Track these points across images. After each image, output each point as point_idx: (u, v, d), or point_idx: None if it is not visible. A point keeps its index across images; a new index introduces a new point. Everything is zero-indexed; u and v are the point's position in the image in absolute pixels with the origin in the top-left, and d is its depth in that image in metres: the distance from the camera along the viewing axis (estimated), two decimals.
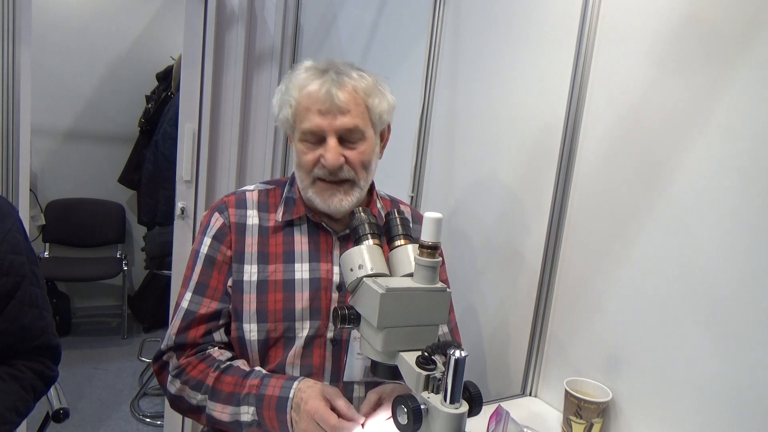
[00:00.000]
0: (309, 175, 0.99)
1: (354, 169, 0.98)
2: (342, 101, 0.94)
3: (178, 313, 1.00)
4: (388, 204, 1.18)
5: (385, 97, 1.01)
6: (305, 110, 0.96)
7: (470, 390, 0.73)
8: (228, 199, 1.06)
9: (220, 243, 1.02)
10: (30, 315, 0.95)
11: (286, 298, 0.99)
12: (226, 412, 0.92)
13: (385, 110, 1.01)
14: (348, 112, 0.95)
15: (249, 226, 1.03)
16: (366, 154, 0.98)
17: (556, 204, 1.27)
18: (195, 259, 1.03)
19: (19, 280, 0.91)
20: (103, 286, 3.74)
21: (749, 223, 0.93)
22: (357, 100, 0.96)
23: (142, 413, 2.70)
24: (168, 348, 0.99)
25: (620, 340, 1.14)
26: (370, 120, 0.99)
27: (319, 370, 0.99)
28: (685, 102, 1.04)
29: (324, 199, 0.99)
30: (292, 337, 0.99)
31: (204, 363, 0.97)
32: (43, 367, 1.00)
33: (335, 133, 0.95)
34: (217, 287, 1.01)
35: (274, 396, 0.90)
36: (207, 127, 2.21)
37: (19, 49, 1.58)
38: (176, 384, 0.97)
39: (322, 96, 0.94)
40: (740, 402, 0.94)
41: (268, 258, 1.02)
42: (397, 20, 1.87)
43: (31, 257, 0.97)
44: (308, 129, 0.96)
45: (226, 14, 2.21)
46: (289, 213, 1.04)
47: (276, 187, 1.10)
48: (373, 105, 0.98)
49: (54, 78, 3.42)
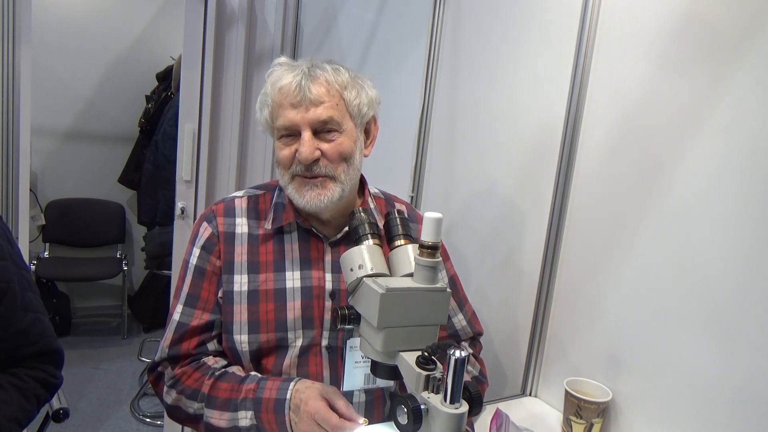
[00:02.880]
0: (287, 172, 0.97)
1: (331, 163, 0.95)
2: (314, 93, 0.92)
3: (170, 325, 0.99)
4: (382, 202, 1.13)
5: (364, 90, 0.98)
6: (279, 106, 0.94)
7: (470, 390, 0.73)
8: (216, 207, 1.04)
9: (209, 253, 1.00)
10: (26, 320, 0.93)
11: (277, 307, 0.98)
12: (223, 419, 0.91)
13: (364, 103, 0.98)
14: (321, 104, 0.92)
15: (238, 234, 1.01)
16: (344, 146, 0.95)
17: (556, 204, 1.27)
18: (185, 270, 1.02)
19: (5, 285, 0.90)
20: (103, 286, 3.74)
21: (749, 223, 0.93)
22: (331, 92, 0.94)
23: (142, 413, 2.70)
24: (162, 359, 0.98)
25: (620, 341, 1.14)
26: (347, 112, 0.96)
27: (316, 379, 0.98)
28: (685, 102, 1.04)
29: (301, 195, 0.95)
30: (285, 347, 0.97)
31: (199, 372, 0.96)
32: (46, 375, 0.98)
33: (309, 125, 0.93)
34: (209, 298, 0.99)
35: (271, 399, 0.89)
36: (207, 127, 2.21)
37: (19, 49, 1.58)
38: (172, 394, 0.96)
39: (294, 89, 0.92)
40: (740, 402, 0.94)
41: (258, 267, 0.99)
42: (397, 20, 1.87)
43: (19, 262, 0.95)
44: (282, 125, 0.94)
45: (226, 14, 2.21)
46: (278, 220, 1.02)
47: (266, 192, 1.07)
48: (349, 97, 0.96)
49: (54, 78, 3.42)
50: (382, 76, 1.87)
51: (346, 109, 0.96)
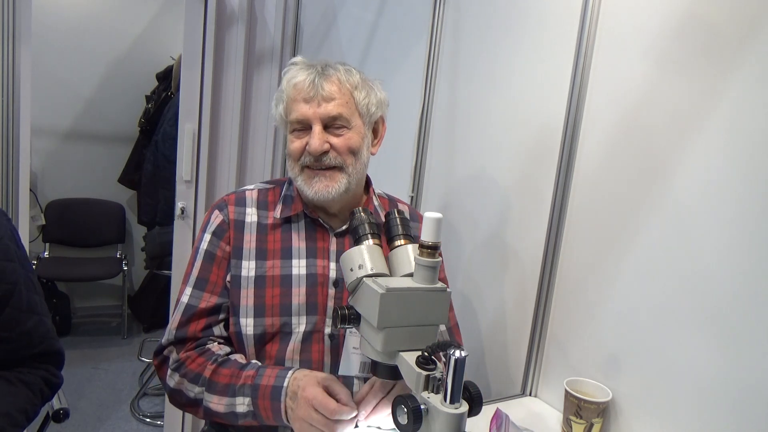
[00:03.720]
0: (297, 164, 1.03)
1: (340, 155, 1.00)
2: (326, 90, 0.98)
3: (178, 308, 1.02)
4: (386, 203, 1.18)
5: (374, 91, 1.05)
6: (292, 101, 1.01)
7: (470, 390, 0.73)
8: (228, 197, 1.09)
9: (219, 239, 1.04)
10: (30, 321, 0.94)
11: (283, 293, 1.01)
12: (222, 404, 0.93)
13: (373, 103, 1.04)
14: (332, 100, 0.99)
15: (248, 223, 1.05)
16: (353, 141, 1.01)
17: (556, 204, 1.27)
18: (195, 256, 1.05)
19: (11, 287, 0.91)
20: (103, 286, 3.74)
21: (749, 223, 0.93)
22: (342, 90, 1.00)
23: (142, 413, 2.70)
24: (168, 342, 1.01)
25: (620, 340, 1.14)
26: (357, 111, 1.02)
27: (318, 366, 1.00)
28: (685, 101, 1.04)
29: (311, 186, 1.01)
30: (288, 333, 1.00)
31: (203, 357, 0.98)
32: (48, 374, 0.99)
33: (320, 120, 0.99)
34: (217, 282, 1.03)
35: (269, 386, 0.90)
36: (207, 127, 2.21)
37: (19, 49, 1.57)
38: (175, 377, 0.98)
39: (307, 85, 0.98)
40: (740, 402, 0.94)
41: (266, 254, 1.03)
42: (397, 20, 1.87)
43: (26, 264, 0.97)
44: (295, 118, 1.00)
45: (226, 14, 2.21)
46: (287, 210, 1.06)
47: (275, 186, 1.12)
48: (359, 97, 1.02)
49: (54, 78, 3.42)
50: (382, 76, 1.86)
51: (356, 107, 1.02)
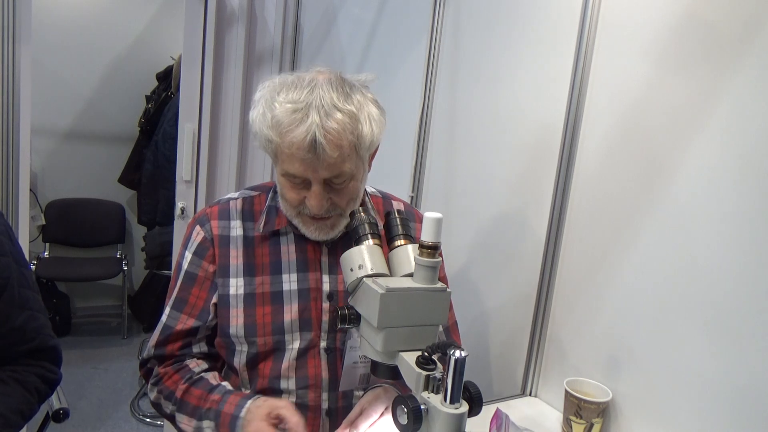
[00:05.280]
0: (293, 209, 0.94)
1: (341, 207, 0.93)
2: (329, 154, 0.84)
3: (158, 326, 1.00)
4: (380, 201, 1.11)
5: (373, 119, 0.89)
6: (288, 156, 0.86)
7: (470, 390, 0.73)
8: (211, 210, 1.01)
9: (202, 258, 0.98)
10: (22, 317, 0.94)
11: (274, 310, 0.97)
12: (190, 426, 0.93)
13: (376, 134, 0.90)
14: (336, 162, 0.85)
15: (233, 237, 0.99)
16: (354, 190, 0.92)
17: (556, 204, 1.27)
18: (177, 273, 1.01)
19: (4, 282, 0.91)
20: (103, 286, 3.74)
21: (749, 223, 0.93)
22: (344, 143, 0.85)
23: (142, 413, 2.70)
24: (149, 356, 1.00)
25: (620, 340, 1.14)
26: (358, 155, 0.89)
27: (315, 381, 0.97)
28: (685, 101, 1.04)
29: (310, 232, 0.95)
30: (282, 350, 0.97)
31: (178, 374, 0.97)
32: (44, 371, 0.99)
33: (321, 180, 0.87)
34: (196, 303, 0.98)
35: (228, 413, 0.89)
36: (207, 127, 2.21)
37: (19, 49, 1.57)
38: (154, 392, 0.98)
39: (306, 146, 0.83)
40: (740, 402, 0.94)
41: (254, 270, 0.98)
42: (397, 20, 1.87)
43: (19, 260, 0.96)
44: (291, 173, 0.88)
45: (226, 14, 2.21)
46: (270, 224, 0.99)
47: (261, 193, 1.04)
48: (362, 137, 0.88)
49: (54, 78, 3.41)
50: (382, 76, 1.87)
51: (357, 152, 0.89)
